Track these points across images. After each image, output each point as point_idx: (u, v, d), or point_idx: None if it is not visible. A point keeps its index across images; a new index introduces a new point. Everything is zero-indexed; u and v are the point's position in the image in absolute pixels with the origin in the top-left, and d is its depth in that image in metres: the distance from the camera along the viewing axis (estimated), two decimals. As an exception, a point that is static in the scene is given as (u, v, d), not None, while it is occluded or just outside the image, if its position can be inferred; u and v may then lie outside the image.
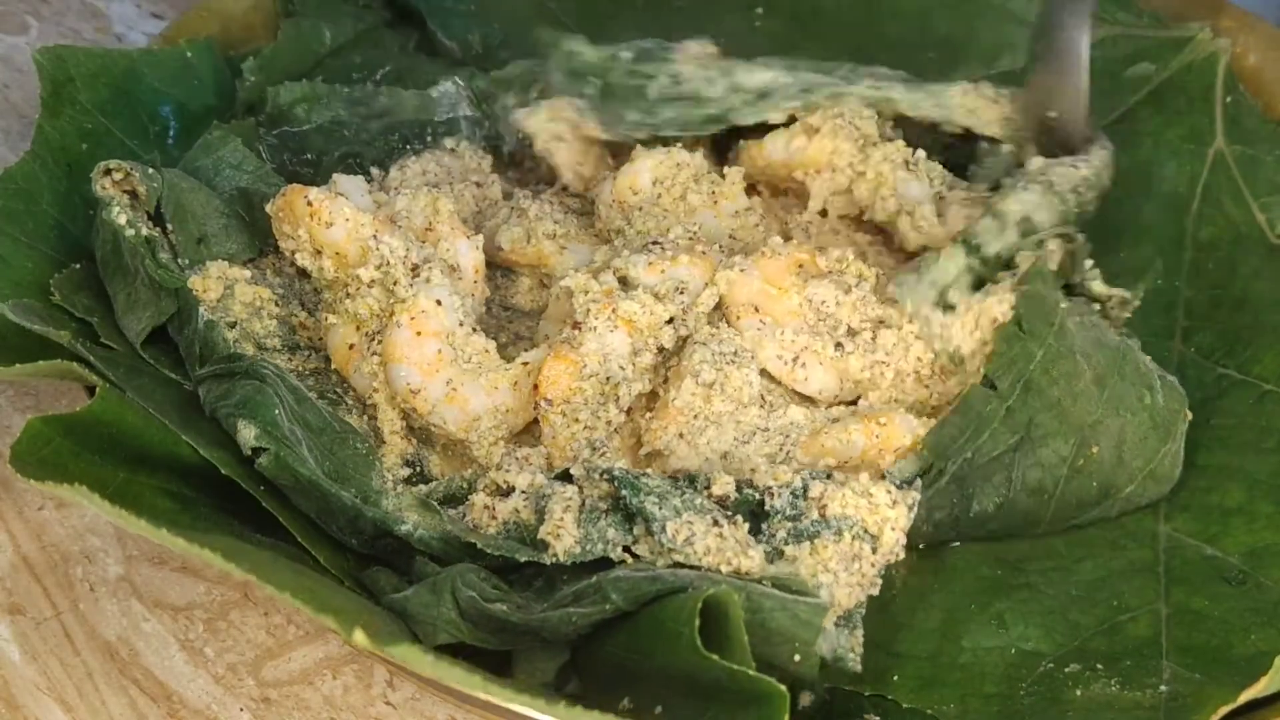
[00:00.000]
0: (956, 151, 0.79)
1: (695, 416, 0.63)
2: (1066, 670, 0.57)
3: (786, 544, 0.57)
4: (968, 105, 0.76)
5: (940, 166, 0.75)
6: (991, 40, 0.91)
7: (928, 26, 0.92)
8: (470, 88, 0.84)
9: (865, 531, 0.57)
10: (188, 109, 0.77)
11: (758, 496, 0.59)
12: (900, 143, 0.75)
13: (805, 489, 0.58)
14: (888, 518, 0.57)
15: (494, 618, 0.52)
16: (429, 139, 0.83)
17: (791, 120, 0.77)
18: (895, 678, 0.58)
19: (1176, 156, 0.83)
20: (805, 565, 0.56)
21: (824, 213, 0.77)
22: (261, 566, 0.47)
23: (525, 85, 0.85)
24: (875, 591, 0.58)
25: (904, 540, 0.58)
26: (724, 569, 0.54)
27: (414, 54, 0.91)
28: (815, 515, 0.57)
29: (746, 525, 0.57)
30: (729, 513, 0.58)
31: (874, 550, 0.57)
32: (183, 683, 0.63)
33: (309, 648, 0.65)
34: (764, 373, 0.65)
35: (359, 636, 0.43)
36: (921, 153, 0.75)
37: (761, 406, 0.64)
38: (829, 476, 0.59)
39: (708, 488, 0.59)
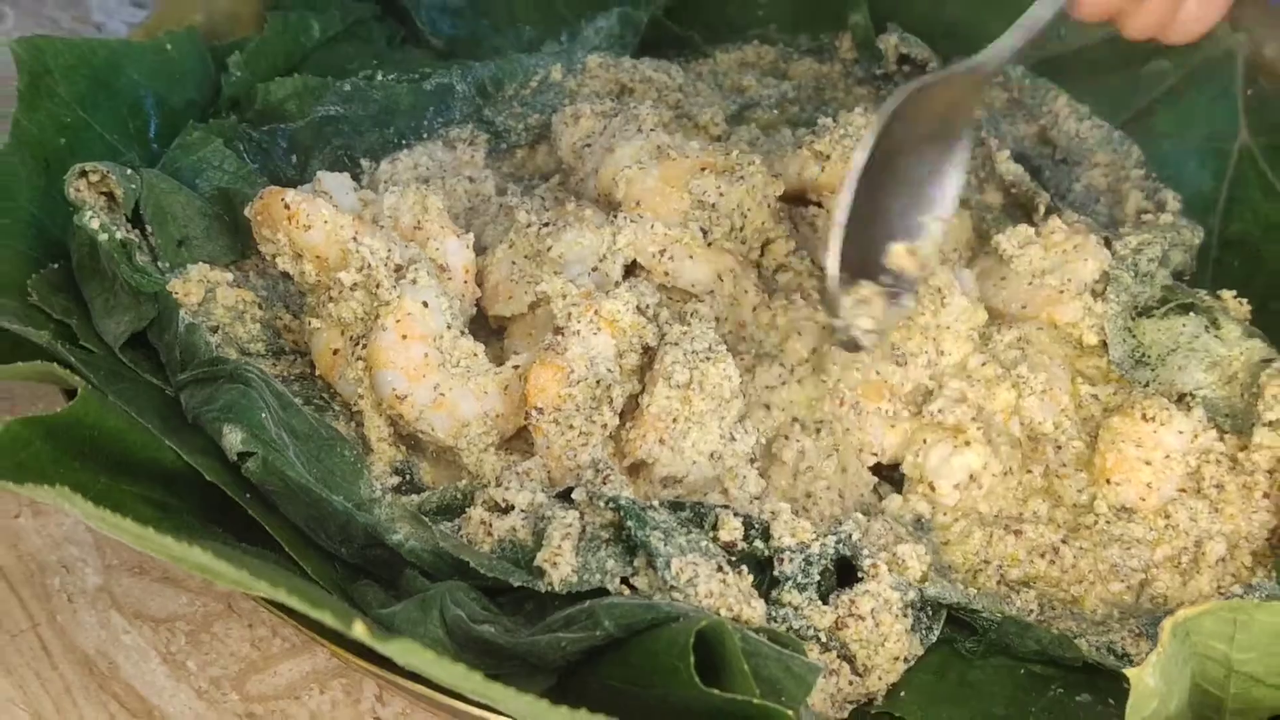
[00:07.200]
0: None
1: (675, 420, 0.61)
2: (1078, 699, 0.55)
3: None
4: None
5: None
6: (1001, 29, 0.90)
7: (939, 13, 0.92)
8: (466, 80, 0.83)
9: (852, 661, 0.55)
10: (169, 103, 0.75)
11: (767, 554, 0.56)
12: None
13: (827, 555, 0.56)
14: (883, 668, 0.55)
15: (481, 639, 0.50)
16: (423, 133, 0.81)
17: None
18: (903, 693, 0.56)
19: (1199, 155, 0.81)
20: None
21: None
22: (251, 566, 0.46)
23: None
24: (843, 716, 0.55)
25: (885, 690, 0.56)
26: (724, 613, 0.52)
27: (401, 46, 0.90)
28: (826, 624, 0.55)
29: (751, 577, 0.55)
30: (734, 560, 0.56)
31: (854, 673, 0.55)
32: (164, 697, 0.61)
33: (295, 661, 0.63)
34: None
35: (359, 629, 0.42)
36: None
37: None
38: (854, 558, 0.56)
39: (714, 528, 0.57)
